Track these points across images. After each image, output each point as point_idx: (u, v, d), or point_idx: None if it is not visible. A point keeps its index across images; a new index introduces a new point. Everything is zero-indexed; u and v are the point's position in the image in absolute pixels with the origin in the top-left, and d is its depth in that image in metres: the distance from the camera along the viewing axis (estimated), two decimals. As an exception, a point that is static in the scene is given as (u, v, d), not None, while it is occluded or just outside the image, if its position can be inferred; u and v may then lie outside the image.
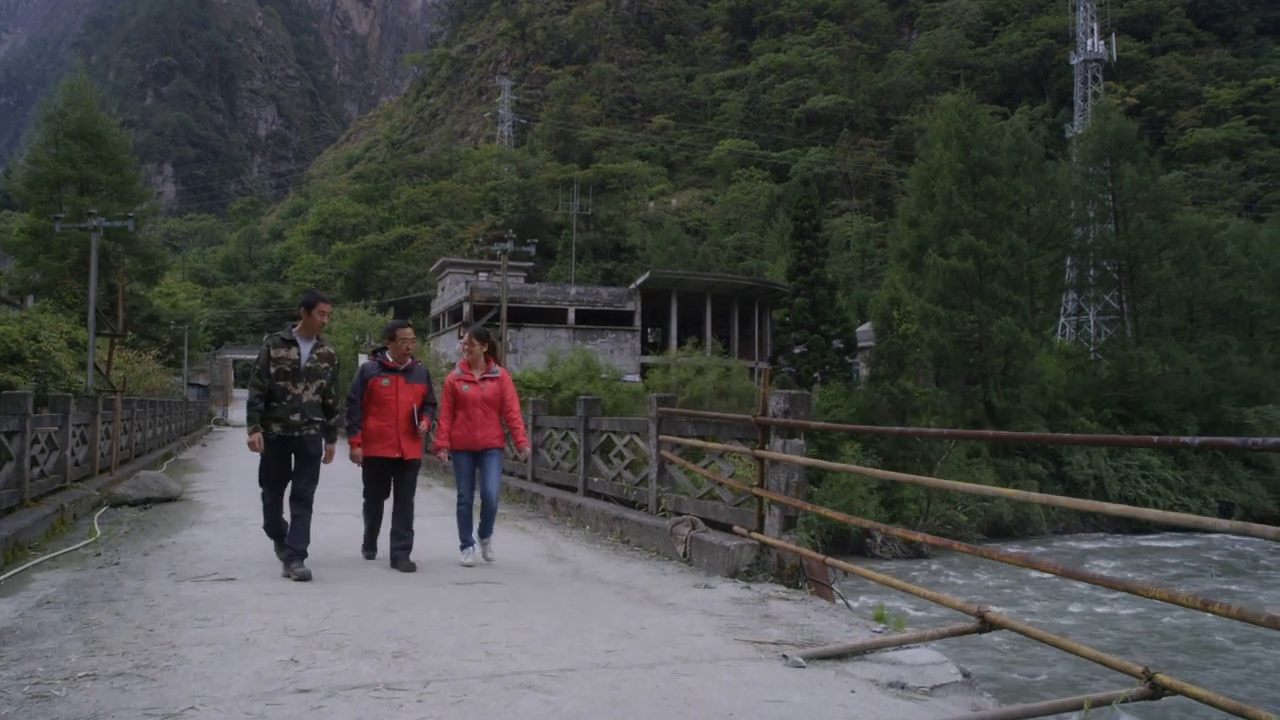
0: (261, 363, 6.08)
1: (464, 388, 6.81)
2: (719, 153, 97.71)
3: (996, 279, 39.80)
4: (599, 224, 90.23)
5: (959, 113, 42.77)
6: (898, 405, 35.39)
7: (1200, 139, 77.39)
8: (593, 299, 47.65)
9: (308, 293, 6.32)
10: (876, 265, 69.35)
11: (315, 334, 6.23)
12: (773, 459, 6.04)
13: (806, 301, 42.84)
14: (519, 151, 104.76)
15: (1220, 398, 41.54)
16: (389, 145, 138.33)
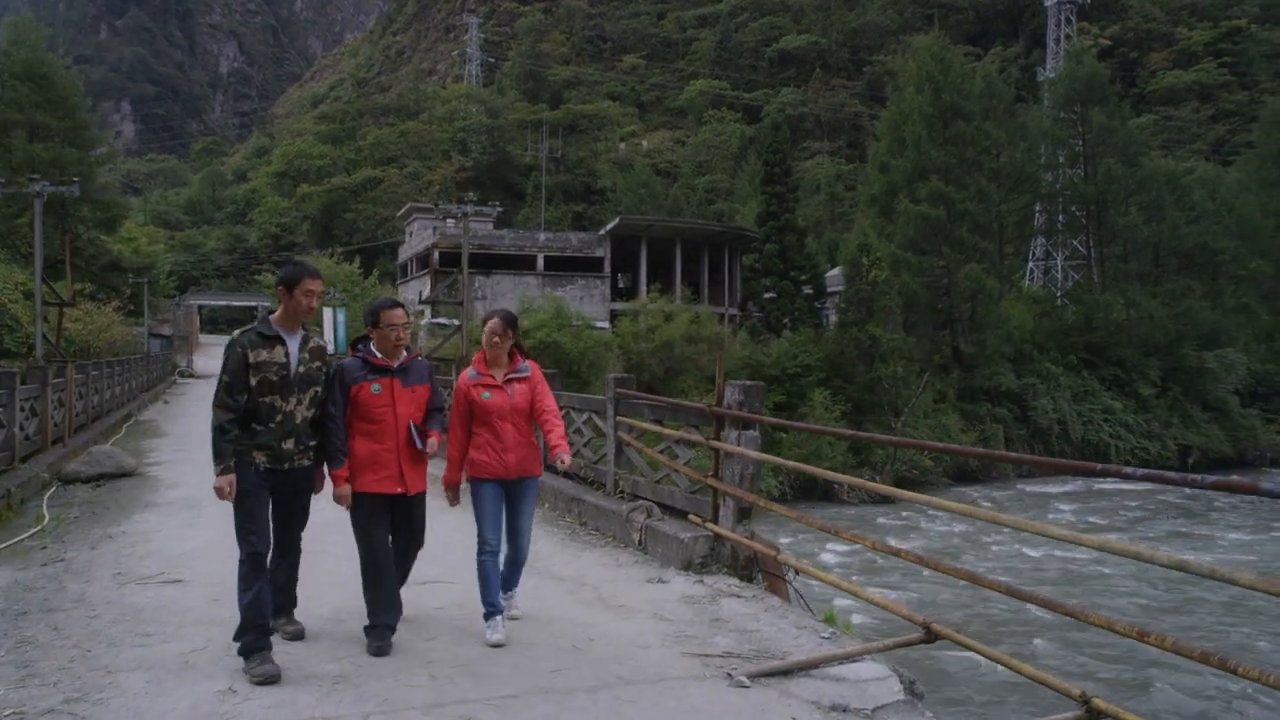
0: (233, 370, 4.32)
1: (484, 395, 4.94)
2: (690, 93, 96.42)
3: (965, 225, 39.84)
4: (569, 166, 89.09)
5: (931, 56, 42.35)
6: (866, 352, 35.57)
7: (1171, 82, 77.29)
8: (562, 245, 47.22)
9: (290, 267, 4.59)
10: (847, 209, 69.21)
11: (301, 323, 4.54)
12: (727, 451, 6.00)
13: (776, 248, 42.71)
14: (487, 91, 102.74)
15: (1182, 342, 42.13)
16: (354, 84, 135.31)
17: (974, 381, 38.90)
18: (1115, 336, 42.25)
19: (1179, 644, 3.21)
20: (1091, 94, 46.07)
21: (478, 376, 5.02)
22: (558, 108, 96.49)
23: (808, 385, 34.14)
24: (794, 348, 35.65)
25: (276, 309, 4.57)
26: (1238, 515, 30.13)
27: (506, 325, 5.03)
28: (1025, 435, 38.72)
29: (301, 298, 4.47)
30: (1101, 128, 44.93)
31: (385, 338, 4.72)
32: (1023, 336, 41.40)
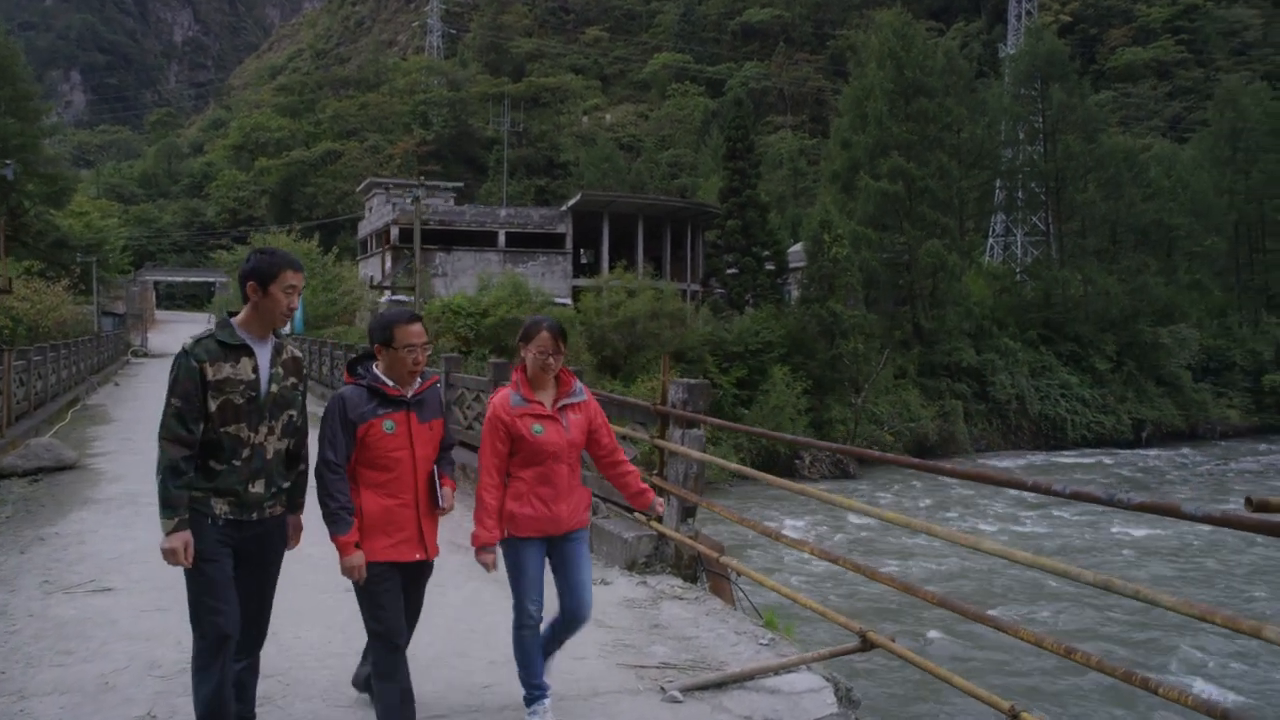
0: (186, 392, 3.26)
1: (534, 428, 3.84)
2: (653, 66, 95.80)
3: (926, 201, 40.10)
4: (532, 139, 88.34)
5: (893, 31, 42.38)
6: (827, 328, 35.75)
7: (1130, 58, 77.97)
8: (523, 221, 46.82)
9: (262, 255, 3.46)
10: (810, 184, 69.27)
11: (274, 329, 3.47)
12: (670, 449, 5.95)
13: (738, 224, 42.67)
14: (449, 63, 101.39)
15: (1137, 318, 42.79)
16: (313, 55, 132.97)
17: (934, 357, 39.26)
18: (1073, 312, 42.83)
19: (1103, 663, 3.21)
20: (1052, 71, 46.40)
21: (523, 403, 3.85)
22: (520, 80, 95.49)
23: (769, 362, 34.25)
24: (756, 324, 35.73)
25: (239, 310, 3.47)
26: (1188, 488, 30.80)
27: (558, 338, 3.90)
28: (984, 410, 39.20)
29: (280, 295, 3.36)
30: (1061, 104, 45.27)
31: (401, 361, 3.58)
32: (982, 312, 41.84)
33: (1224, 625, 2.87)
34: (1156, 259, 45.44)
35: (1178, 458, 36.90)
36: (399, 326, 3.61)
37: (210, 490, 3.31)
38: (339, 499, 3.51)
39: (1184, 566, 19.09)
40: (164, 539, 3.22)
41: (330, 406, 3.60)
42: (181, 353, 3.33)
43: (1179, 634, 13.28)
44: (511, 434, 3.83)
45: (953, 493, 30.55)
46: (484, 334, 32.58)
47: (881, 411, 35.80)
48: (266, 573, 3.53)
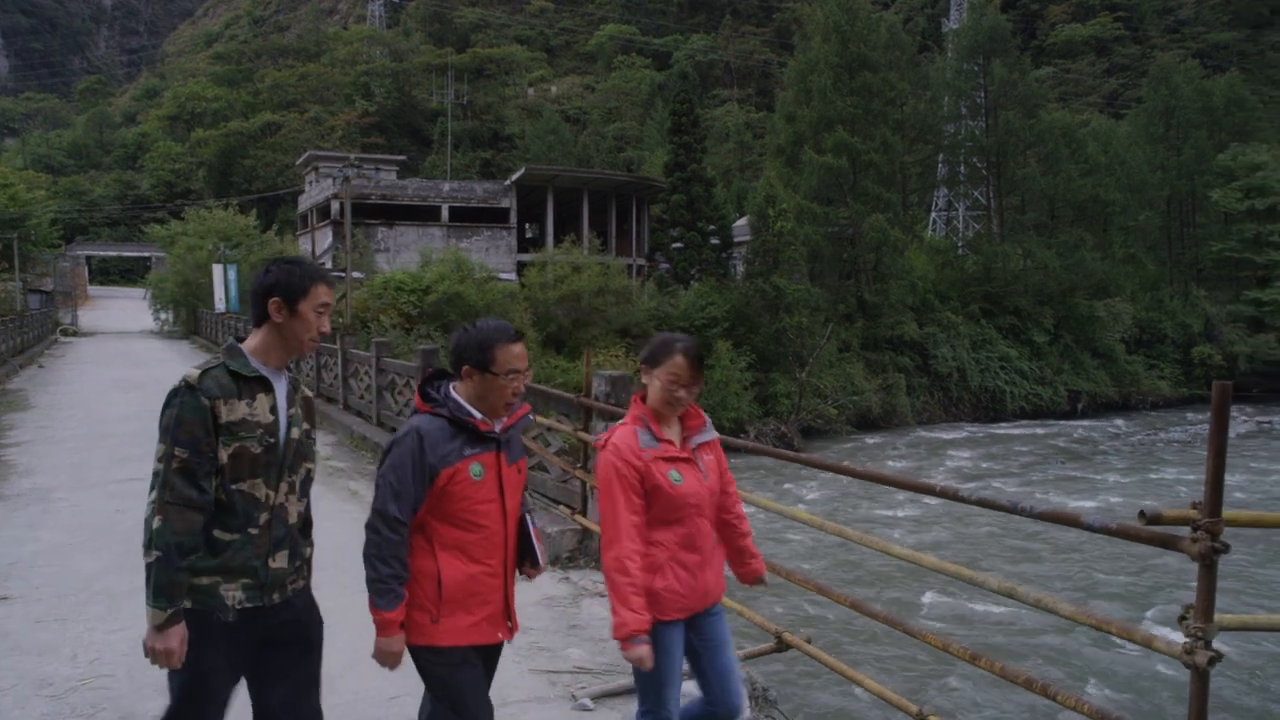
0: (192, 438, 2.56)
1: (672, 476, 3.07)
2: (600, 38, 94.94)
3: (870, 176, 40.33)
4: (477, 111, 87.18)
5: (838, 5, 42.32)
6: (771, 302, 35.91)
7: (1069, 35, 79.10)
8: (467, 195, 46.24)
9: (287, 267, 2.78)
10: (756, 157, 69.34)
11: (295, 355, 2.83)
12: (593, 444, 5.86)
13: (684, 198, 42.56)
14: (392, 34, 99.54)
15: (1074, 291, 43.61)
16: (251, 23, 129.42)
17: (877, 331, 39.66)
18: (1012, 286, 43.46)
19: (1006, 670, 3.21)
20: (994, 46, 46.75)
21: (655, 444, 3.08)
22: (464, 51, 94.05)
23: (714, 337, 34.32)
24: (701, 299, 35.77)
25: (253, 336, 2.74)
26: (1119, 458, 31.56)
27: (697, 366, 3.17)
28: (926, 383, 39.74)
29: (311, 316, 2.72)
30: (1003, 80, 45.70)
31: (499, 390, 2.85)
32: (925, 286, 42.29)
33: (1120, 635, 2.88)
34: (1093, 234, 46.28)
35: (1110, 428, 37.82)
36: (501, 346, 2.84)
37: (218, 570, 2.55)
38: (393, 565, 2.73)
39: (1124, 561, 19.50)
40: (152, 633, 2.46)
41: (403, 446, 2.76)
42: (184, 387, 2.57)
43: (1086, 635, 13.46)
44: (644, 483, 3.02)
45: (894, 464, 31.04)
46: (427, 311, 32.19)
47: (826, 385, 36.10)
48: (301, 669, 2.78)
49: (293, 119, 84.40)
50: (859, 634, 12.71)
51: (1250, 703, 9.77)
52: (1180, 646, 2.60)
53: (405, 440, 2.78)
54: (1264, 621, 3.25)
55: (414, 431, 2.78)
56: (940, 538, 19.46)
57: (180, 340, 38.64)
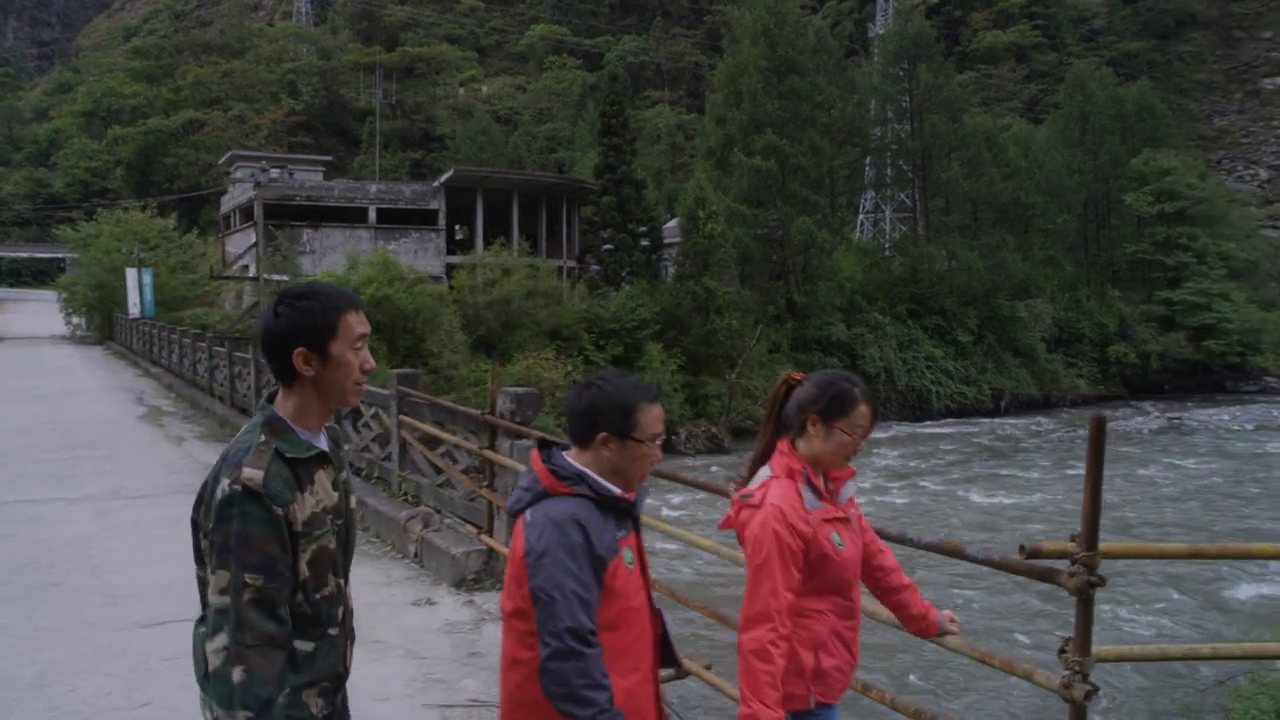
0: (266, 557, 2.02)
1: (836, 539, 2.70)
2: (531, 38, 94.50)
3: (798, 178, 40.79)
4: (406, 111, 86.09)
5: (767, 8, 42.72)
6: (701, 304, 36.10)
7: (991, 41, 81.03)
8: (395, 197, 45.51)
9: (303, 302, 2.15)
10: (688, 159, 69.65)
11: (340, 408, 2.33)
12: (499, 462, 5.73)
13: (614, 200, 42.48)
14: (319, 31, 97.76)
15: (997, 292, 44.64)
16: (171, 17, 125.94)
17: (807, 332, 40.11)
18: (938, 286, 44.31)
19: (897, 701, 3.18)
20: (918, 52, 47.68)
21: (819, 504, 2.70)
22: (394, 50, 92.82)
23: (645, 339, 34.41)
24: (631, 301, 35.80)
25: (284, 399, 2.18)
26: (1040, 454, 32.38)
27: (876, 414, 2.83)
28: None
29: (349, 355, 2.16)
30: (927, 85, 46.59)
31: (641, 461, 2.38)
32: (853, 287, 42.89)
33: (1002, 669, 2.86)
34: (1014, 235, 47.46)
35: (1032, 425, 38.79)
36: (644, 408, 2.36)
37: (304, 686, 2.14)
38: (606, 686, 2.20)
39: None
40: None
41: (564, 543, 2.22)
42: (242, 494, 1.99)
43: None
44: (808, 549, 2.61)
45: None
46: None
47: (756, 386, 36.41)
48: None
49: (216, 117, 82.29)
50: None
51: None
52: (1059, 680, 2.58)
53: (564, 535, 2.22)
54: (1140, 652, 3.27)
55: (572, 522, 2.24)
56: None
57: (93, 346, 37.33)
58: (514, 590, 2.31)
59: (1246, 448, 32.30)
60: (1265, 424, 37.48)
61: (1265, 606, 13.41)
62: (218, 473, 2.05)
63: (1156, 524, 20.20)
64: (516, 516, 2.35)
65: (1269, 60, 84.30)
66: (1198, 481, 25.71)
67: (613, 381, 2.43)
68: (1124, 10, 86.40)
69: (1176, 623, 12.64)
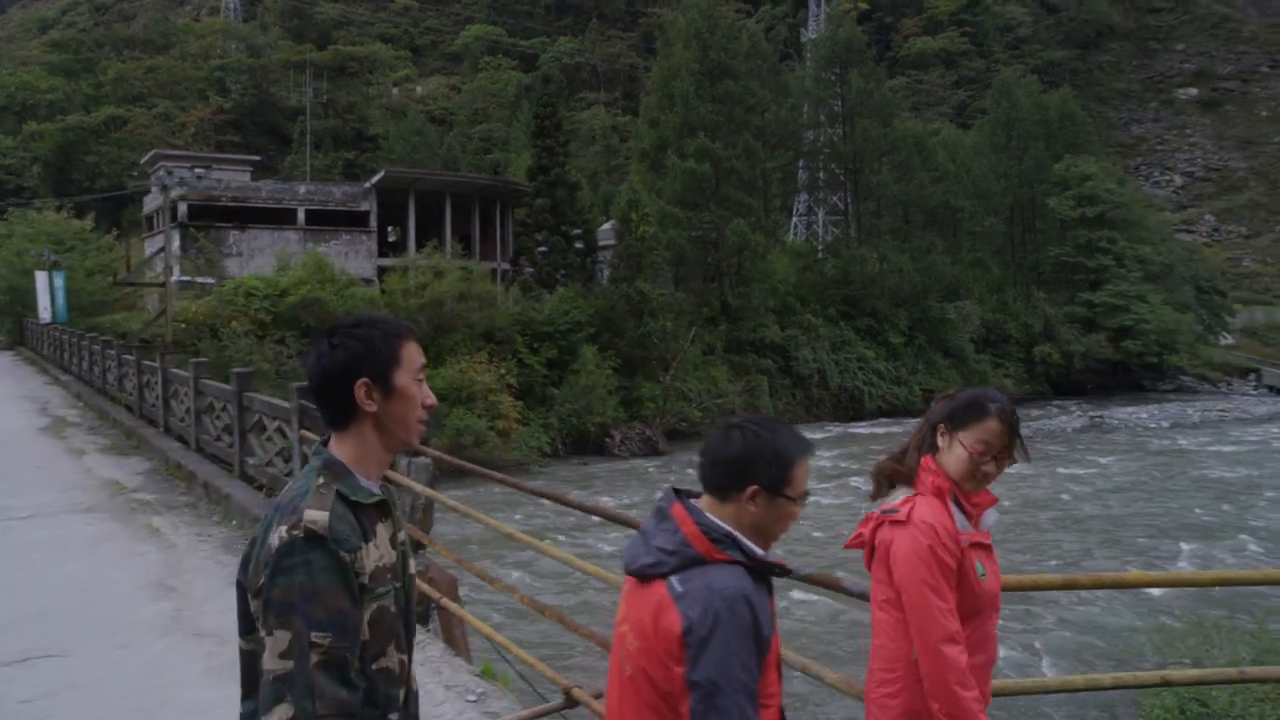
0: (335, 612, 1.74)
1: (979, 568, 2.55)
2: (465, 38, 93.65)
3: (731, 181, 41.01)
4: (339, 110, 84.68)
5: (700, 12, 42.87)
6: (635, 307, 36.06)
7: (921, 48, 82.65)
8: (325, 198, 44.69)
9: (361, 331, 1.93)
10: (623, 161, 69.63)
11: (401, 450, 2.50)
12: (397, 481, 5.56)
13: (547, 202, 42.24)
14: (248, 28, 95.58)
15: (927, 294, 45.38)
16: (92, 10, 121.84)
17: (741, 334, 40.33)
18: (869, 288, 44.91)
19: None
20: (850, 57, 48.29)
21: (968, 527, 2.56)
22: (325, 48, 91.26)
23: (579, 341, 34.28)
24: (565, 304, 35.64)
25: (340, 442, 1.93)
26: (969, 455, 32.96)
27: (1015, 432, 2.64)
28: (788, 384, 40.63)
29: (414, 388, 1.94)
30: (859, 90, 47.22)
31: (787, 520, 2.11)
32: (786, 289, 43.26)
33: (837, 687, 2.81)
34: (943, 238, 48.35)
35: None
36: (802, 462, 2.10)
37: None
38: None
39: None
40: None
41: (734, 623, 1.92)
42: (305, 540, 1.75)
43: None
44: (955, 576, 2.45)
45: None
46: (282, 316, 30.91)
47: (690, 388, 36.52)
48: None
49: (140, 114, 79.96)
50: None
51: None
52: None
53: (735, 615, 1.91)
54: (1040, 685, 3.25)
55: (741, 599, 1.94)
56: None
57: (3, 352, 35.99)
58: (654, 670, 2.00)
59: (1164, 445, 33.33)
60: (1180, 422, 38.73)
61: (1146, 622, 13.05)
62: (269, 523, 1.81)
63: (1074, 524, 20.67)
64: (648, 581, 2.04)
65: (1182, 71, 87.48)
66: (1116, 479, 26.44)
67: (768, 427, 2.14)
68: (1047, 20, 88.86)
69: (1078, 645, 12.40)
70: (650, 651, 1.99)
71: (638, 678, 2.03)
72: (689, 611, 1.92)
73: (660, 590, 1.99)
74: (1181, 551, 17.72)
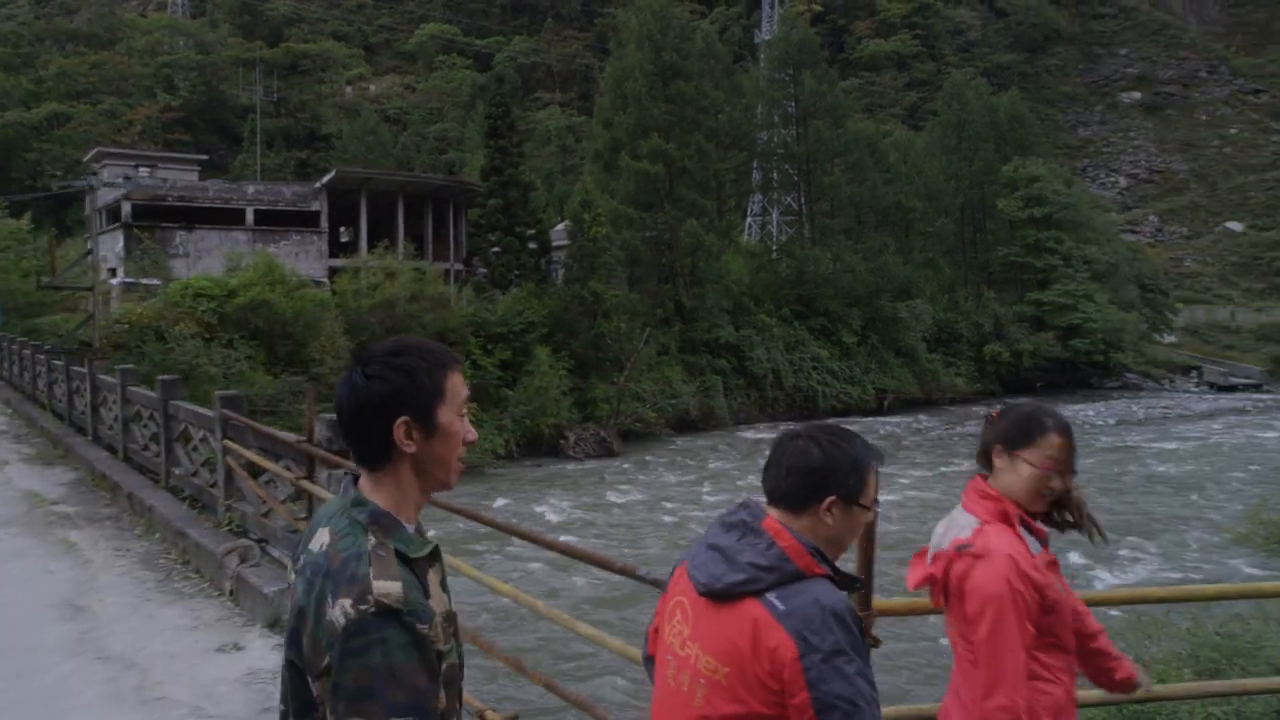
0: (414, 698, 1.53)
1: (1059, 588, 2.52)
2: (420, 37, 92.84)
3: (685, 182, 41.08)
4: (291, 109, 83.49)
5: (652, 13, 42.86)
6: (589, 308, 35.98)
7: (874, 50, 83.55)
8: (274, 198, 44.00)
9: (403, 359, 1.69)
10: (579, 161, 69.50)
11: (438, 491, 1.81)
12: (315, 494, 5.43)
13: (500, 202, 41.98)
14: (197, 24, 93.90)
15: (879, 294, 45.78)
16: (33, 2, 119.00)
17: (695, 334, 40.40)
18: (823, 288, 45.18)
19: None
20: (803, 58, 48.56)
21: (1039, 548, 2.48)
22: (277, 45, 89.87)
23: (533, 343, 34.16)
24: (519, 304, 35.49)
25: (376, 484, 1.71)
26: (921, 453, 33.32)
27: (1073, 446, 2.56)
28: (743, 384, 40.78)
29: (457, 425, 1.75)
30: (812, 91, 47.50)
31: (858, 529, 2.09)
32: (741, 290, 43.41)
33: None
34: (895, 239, 48.84)
35: (914, 424, 39.92)
36: (875, 470, 2.07)
37: None
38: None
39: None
40: None
41: (850, 637, 1.87)
42: (375, 619, 1.54)
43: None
44: (1045, 604, 2.37)
45: (710, 466, 31.65)
46: (231, 318, 30.38)
47: (644, 389, 36.54)
48: None
49: (84, 111, 78.17)
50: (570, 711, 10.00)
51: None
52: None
53: (849, 630, 1.85)
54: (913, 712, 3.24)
55: (851, 613, 1.89)
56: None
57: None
58: (749, 694, 1.88)
59: (1111, 442, 33.95)
60: (1125, 419, 39.50)
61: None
62: (321, 593, 1.58)
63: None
64: (734, 600, 1.93)
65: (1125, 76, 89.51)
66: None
67: (843, 436, 2.09)
68: (996, 24, 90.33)
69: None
70: (746, 675, 1.88)
71: (719, 702, 1.92)
72: (801, 630, 1.84)
73: (755, 609, 1.89)
74: (1124, 544, 17.98)
